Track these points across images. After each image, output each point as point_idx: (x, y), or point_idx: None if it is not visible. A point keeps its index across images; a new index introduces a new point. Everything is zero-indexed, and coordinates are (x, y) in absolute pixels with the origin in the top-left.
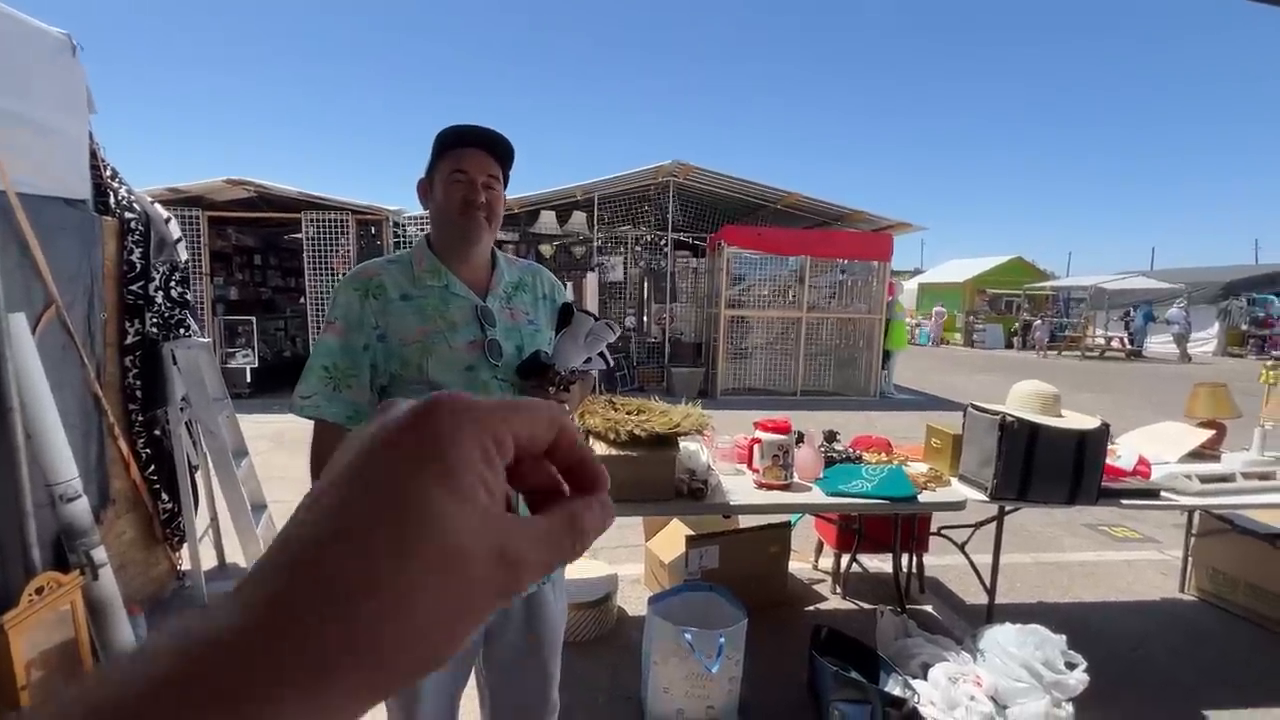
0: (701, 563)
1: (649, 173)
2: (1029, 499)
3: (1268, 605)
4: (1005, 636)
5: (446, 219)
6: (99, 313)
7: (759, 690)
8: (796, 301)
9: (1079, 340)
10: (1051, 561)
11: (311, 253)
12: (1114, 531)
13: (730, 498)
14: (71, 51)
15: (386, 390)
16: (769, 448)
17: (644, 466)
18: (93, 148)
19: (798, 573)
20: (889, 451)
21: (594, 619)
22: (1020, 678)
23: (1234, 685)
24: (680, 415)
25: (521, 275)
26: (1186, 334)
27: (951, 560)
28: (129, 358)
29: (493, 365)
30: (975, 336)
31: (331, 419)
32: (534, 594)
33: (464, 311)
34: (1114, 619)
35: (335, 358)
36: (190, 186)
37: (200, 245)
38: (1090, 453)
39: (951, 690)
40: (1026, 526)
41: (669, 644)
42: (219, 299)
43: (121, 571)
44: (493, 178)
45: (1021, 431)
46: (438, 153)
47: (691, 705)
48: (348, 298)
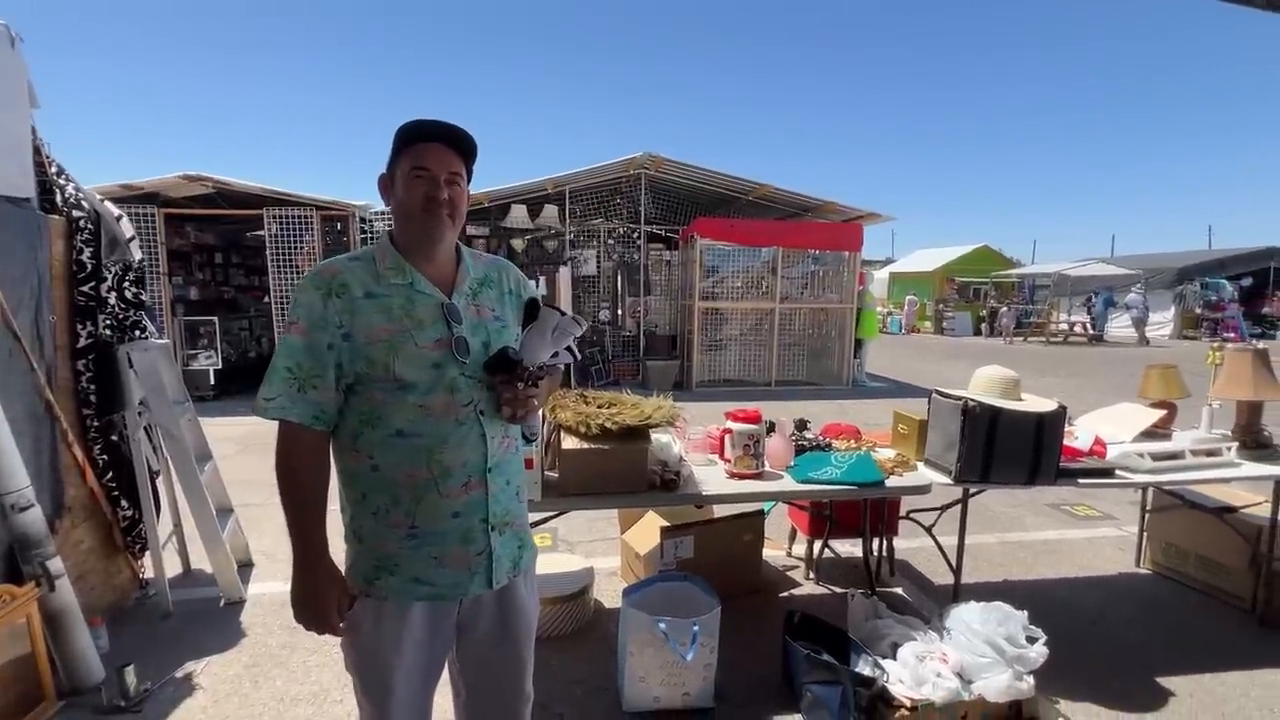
0: (677, 553)
1: (620, 165)
2: (991, 480)
3: (1216, 575)
4: (970, 614)
5: (409, 216)
6: (48, 315)
7: (734, 676)
8: (769, 292)
9: (1043, 326)
10: (1015, 541)
11: (275, 250)
12: (1075, 510)
13: (702, 488)
14: (10, 43)
15: (353, 389)
16: (740, 438)
17: (616, 459)
18: (36, 144)
19: (772, 560)
20: (858, 438)
21: (571, 613)
22: (984, 653)
23: (1184, 651)
24: (651, 407)
25: (487, 271)
26: (1144, 318)
27: (921, 543)
28: (82, 361)
29: (460, 362)
30: (945, 324)
31: (297, 420)
32: (506, 586)
33: (430, 309)
34: (1075, 593)
35: (299, 358)
36: (145, 183)
37: (157, 244)
38: (1048, 434)
39: (919, 668)
40: (991, 508)
41: (644, 634)
42: (179, 299)
43: (81, 581)
44: (455, 174)
45: (983, 415)
46: (399, 148)
47: (667, 693)
48: (309, 297)
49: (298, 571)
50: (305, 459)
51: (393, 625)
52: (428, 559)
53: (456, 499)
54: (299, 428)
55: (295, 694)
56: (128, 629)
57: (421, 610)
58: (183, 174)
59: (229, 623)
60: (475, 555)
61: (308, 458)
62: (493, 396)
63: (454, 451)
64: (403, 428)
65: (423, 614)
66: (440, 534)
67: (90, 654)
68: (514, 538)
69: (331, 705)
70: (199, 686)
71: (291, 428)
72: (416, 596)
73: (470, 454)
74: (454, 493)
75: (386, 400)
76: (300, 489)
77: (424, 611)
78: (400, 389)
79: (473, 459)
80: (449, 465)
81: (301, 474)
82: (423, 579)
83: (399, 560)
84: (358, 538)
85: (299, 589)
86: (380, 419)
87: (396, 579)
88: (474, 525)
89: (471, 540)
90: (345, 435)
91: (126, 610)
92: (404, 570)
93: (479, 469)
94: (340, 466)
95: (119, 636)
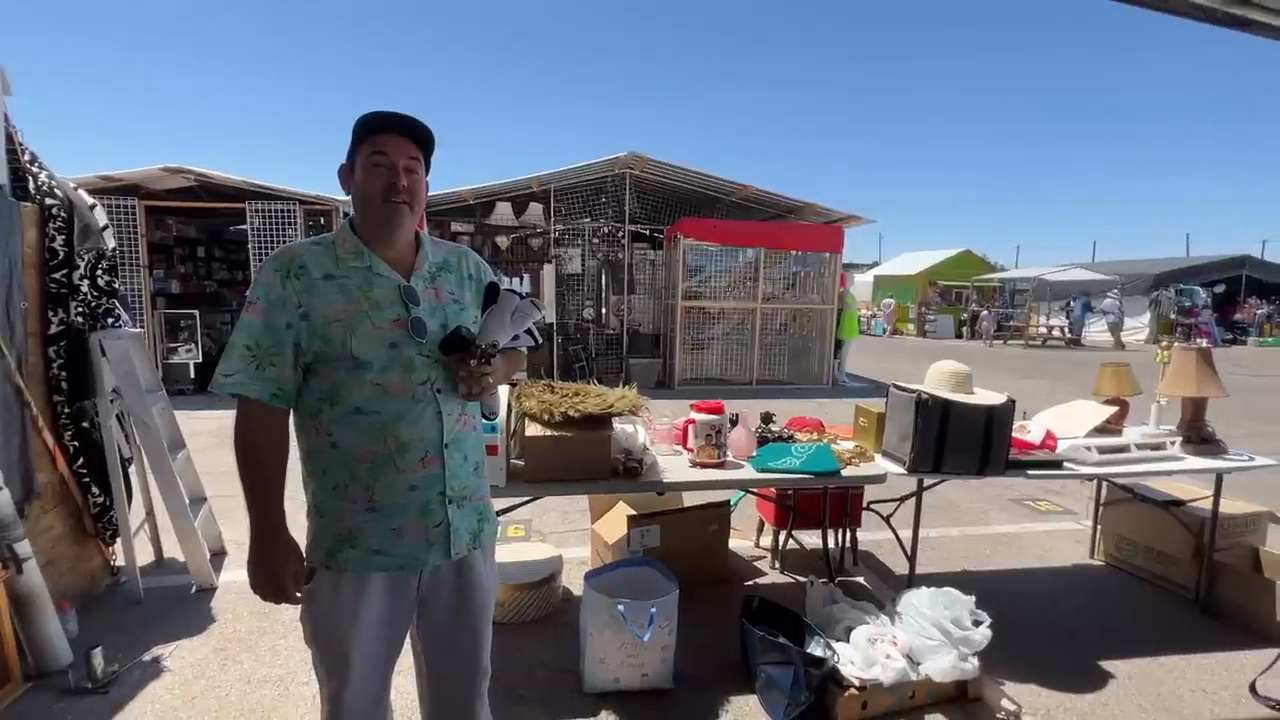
0: (643, 541)
1: (605, 164)
2: (943, 470)
3: (1163, 566)
4: (920, 599)
5: (368, 204)
6: (19, 301)
7: (695, 660)
8: (752, 293)
9: (1023, 330)
10: (976, 534)
11: (257, 244)
12: (1038, 505)
13: (665, 476)
14: None
15: (312, 369)
16: (702, 428)
17: (578, 446)
18: (9, 131)
19: (740, 550)
20: (820, 431)
21: (537, 599)
22: (932, 635)
23: (1128, 637)
24: (615, 397)
25: (446, 256)
26: (1120, 323)
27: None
28: (53, 348)
29: (417, 342)
30: (927, 327)
31: (255, 396)
32: (464, 558)
33: (387, 291)
34: (1028, 583)
35: (257, 336)
36: (125, 174)
37: (137, 236)
38: (998, 426)
39: (870, 650)
40: (957, 503)
41: (603, 616)
42: (160, 292)
43: (50, 567)
44: (414, 160)
45: (935, 407)
46: (358, 138)
47: (626, 674)
48: (269, 278)
49: (255, 543)
50: (263, 434)
51: (351, 597)
52: (386, 531)
53: (414, 473)
54: (257, 404)
55: (262, 676)
56: (98, 614)
57: (380, 581)
58: (164, 166)
59: (200, 609)
60: (432, 527)
61: (266, 433)
62: (449, 375)
63: (410, 428)
64: (360, 405)
65: (382, 585)
66: (398, 507)
67: (58, 638)
68: (473, 510)
69: (298, 687)
70: (167, 669)
71: (250, 404)
72: (375, 567)
73: (426, 430)
74: (411, 467)
75: (344, 379)
76: (258, 464)
77: (383, 583)
78: (357, 367)
79: (429, 435)
80: (406, 441)
81: (259, 449)
82: (381, 550)
83: (358, 533)
84: (319, 513)
85: (255, 559)
86: (339, 397)
87: (356, 551)
88: (431, 498)
89: (429, 513)
90: (305, 414)
91: (97, 596)
92: (363, 542)
93: (435, 444)
94: (301, 445)
95: (89, 621)
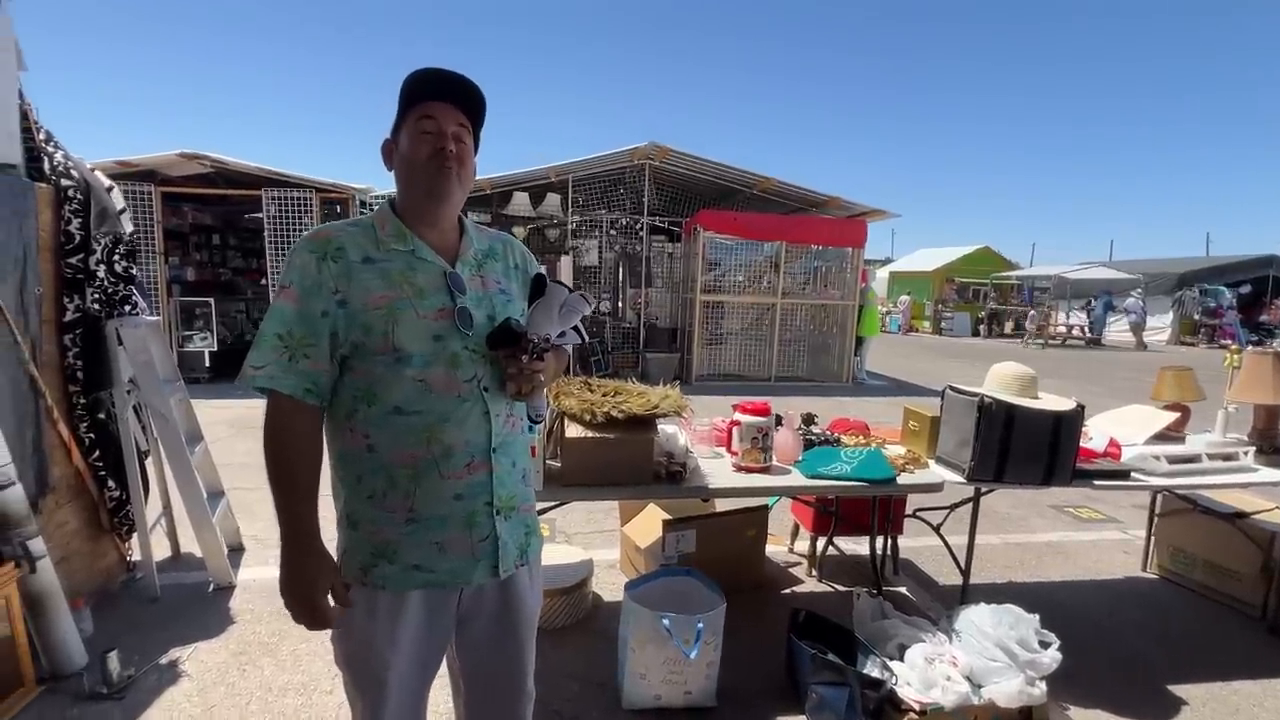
0: (679, 547)
1: (625, 155)
2: (1005, 480)
3: (1225, 582)
4: (980, 617)
5: (413, 173)
6: (34, 287)
7: (736, 674)
8: (771, 287)
9: (1042, 329)
10: (1020, 542)
11: (273, 232)
12: (1079, 513)
13: (709, 481)
14: None
15: (348, 362)
16: (748, 430)
17: (621, 449)
18: (24, 108)
19: (775, 556)
20: (867, 434)
21: (568, 605)
22: (995, 657)
23: (1194, 658)
24: (658, 397)
25: (492, 244)
26: (1143, 323)
27: (925, 542)
28: (69, 336)
29: (463, 335)
30: (944, 324)
31: (287, 391)
32: (510, 577)
33: (432, 278)
34: (1080, 596)
35: (290, 325)
36: (141, 160)
37: (153, 222)
38: (1065, 434)
39: (928, 670)
40: (995, 508)
41: (646, 630)
42: (175, 279)
43: (64, 563)
44: (463, 127)
45: (999, 413)
46: (404, 106)
47: (669, 691)
48: (303, 260)
49: (286, 557)
50: (296, 434)
51: (388, 617)
52: (428, 545)
53: (459, 480)
54: (289, 400)
55: (284, 683)
56: (113, 613)
57: (419, 599)
58: (181, 151)
59: (218, 608)
60: (479, 541)
61: (299, 433)
62: (497, 372)
63: (456, 429)
64: (401, 404)
65: (420, 603)
66: (441, 519)
67: (72, 638)
68: (520, 524)
69: (321, 696)
70: (184, 674)
71: (281, 400)
72: (415, 584)
73: (473, 433)
74: (456, 474)
75: (384, 374)
76: (290, 467)
77: (421, 601)
78: (398, 361)
79: (476, 438)
80: (451, 444)
81: (291, 451)
82: (422, 566)
83: (397, 547)
84: (352, 524)
85: (288, 576)
86: (376, 395)
87: (394, 567)
88: (477, 509)
89: (475, 525)
90: (339, 413)
91: (113, 593)
92: (403, 557)
93: (483, 449)
94: (334, 448)
95: (104, 620)
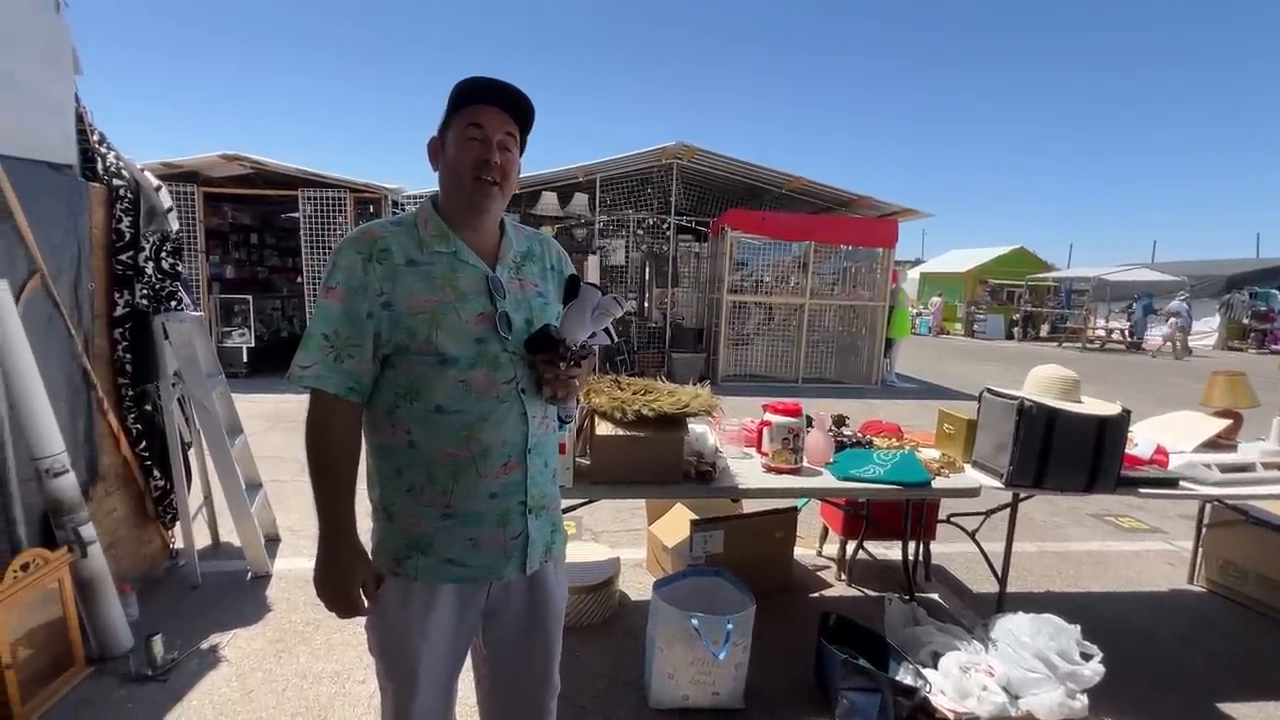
0: (706, 547)
1: (653, 154)
2: (1045, 486)
3: (1278, 596)
4: (1018, 626)
5: (456, 182)
6: (87, 283)
7: (765, 676)
8: (799, 288)
9: (1080, 332)
10: (1058, 551)
11: (308, 231)
12: (1120, 522)
13: (738, 481)
14: (56, 8)
15: (390, 361)
16: (779, 430)
17: (651, 448)
18: (79, 111)
19: (803, 559)
20: (900, 437)
21: (595, 603)
22: (1034, 668)
23: (1244, 676)
24: (689, 396)
25: (530, 244)
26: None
27: (958, 548)
28: (118, 330)
29: (503, 339)
30: (976, 327)
31: (331, 390)
32: (536, 572)
33: (473, 281)
34: (1121, 608)
35: (336, 324)
36: (185, 161)
37: (195, 222)
38: (1110, 440)
39: (963, 680)
40: (1032, 515)
41: (674, 629)
42: (215, 277)
43: (112, 549)
44: (510, 136)
45: (1040, 417)
46: (453, 107)
47: (696, 691)
48: (349, 260)
49: (323, 549)
50: (337, 431)
51: (420, 608)
52: (462, 540)
53: (495, 479)
54: (333, 398)
55: (318, 671)
56: (157, 598)
57: (450, 592)
58: (222, 153)
59: (255, 596)
60: (511, 539)
61: (340, 430)
62: (534, 374)
63: (494, 430)
64: (443, 403)
65: (451, 596)
66: (476, 516)
67: (120, 621)
68: (548, 522)
69: (353, 685)
70: (224, 659)
71: (325, 398)
72: (447, 578)
73: (511, 433)
74: (493, 473)
75: (427, 373)
76: (331, 462)
77: (452, 594)
78: (441, 363)
79: (513, 438)
80: (489, 444)
81: (333, 447)
82: (456, 560)
83: (432, 540)
84: (388, 515)
85: (323, 568)
86: (419, 392)
87: (428, 559)
88: (511, 507)
89: (508, 523)
90: (381, 407)
91: (156, 579)
92: (437, 551)
93: (519, 449)
94: (373, 441)
95: (148, 605)
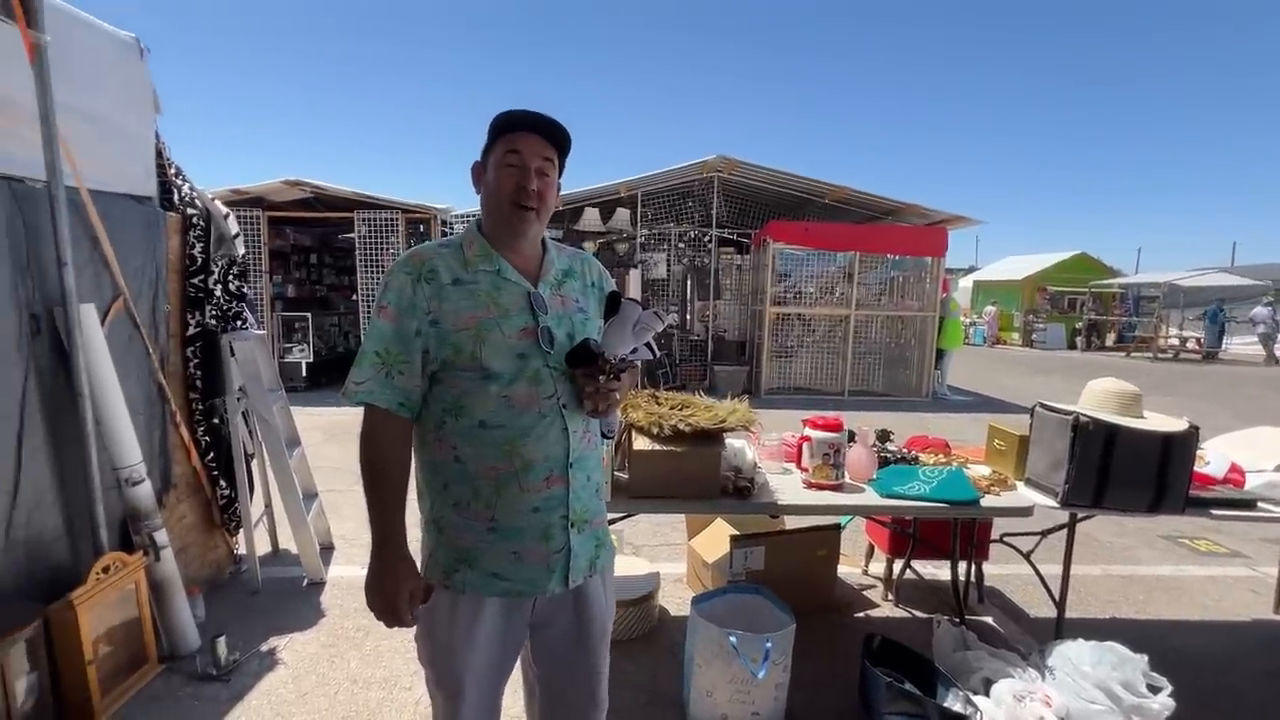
0: (746, 564)
1: (694, 168)
2: (1104, 506)
3: None
4: (1078, 654)
5: (497, 207)
6: (163, 305)
7: (806, 698)
8: (844, 299)
9: (1150, 341)
10: (1124, 574)
11: (363, 251)
12: (1196, 545)
13: (778, 497)
14: (139, 54)
15: (437, 377)
16: (819, 446)
17: (689, 462)
18: (158, 146)
19: (848, 578)
20: (947, 452)
21: (635, 618)
22: (1095, 699)
23: None
24: (726, 411)
25: (570, 262)
26: (1274, 334)
27: (1014, 569)
28: (190, 348)
29: (545, 353)
30: (1035, 336)
31: (383, 405)
32: (581, 586)
33: (515, 298)
34: (1197, 639)
35: (388, 343)
36: (251, 188)
37: (260, 244)
38: (1176, 458)
39: (1017, 709)
40: (1095, 536)
41: (713, 646)
42: (277, 296)
43: (182, 554)
44: (548, 162)
45: (1098, 433)
46: (493, 136)
47: (735, 711)
48: (400, 282)
49: (375, 561)
50: (390, 445)
51: (467, 620)
52: (506, 554)
53: (537, 493)
54: (384, 413)
55: (368, 677)
56: (221, 601)
57: (496, 605)
58: (284, 179)
59: (310, 602)
60: (554, 553)
61: (392, 444)
62: (575, 389)
63: (536, 444)
64: (485, 419)
65: (497, 609)
66: (518, 530)
67: (189, 622)
68: (592, 536)
69: (401, 692)
70: (281, 661)
71: (377, 413)
72: (493, 591)
73: (552, 447)
74: (535, 487)
75: (470, 389)
76: (383, 475)
77: (498, 607)
78: (485, 378)
79: (555, 453)
80: (531, 459)
81: (385, 460)
82: (500, 574)
83: (478, 554)
84: (438, 528)
85: (374, 579)
86: (463, 408)
87: (475, 573)
88: (554, 521)
89: (550, 537)
90: (429, 424)
91: (221, 584)
92: (482, 564)
93: (561, 463)
94: (423, 457)
95: (213, 608)
